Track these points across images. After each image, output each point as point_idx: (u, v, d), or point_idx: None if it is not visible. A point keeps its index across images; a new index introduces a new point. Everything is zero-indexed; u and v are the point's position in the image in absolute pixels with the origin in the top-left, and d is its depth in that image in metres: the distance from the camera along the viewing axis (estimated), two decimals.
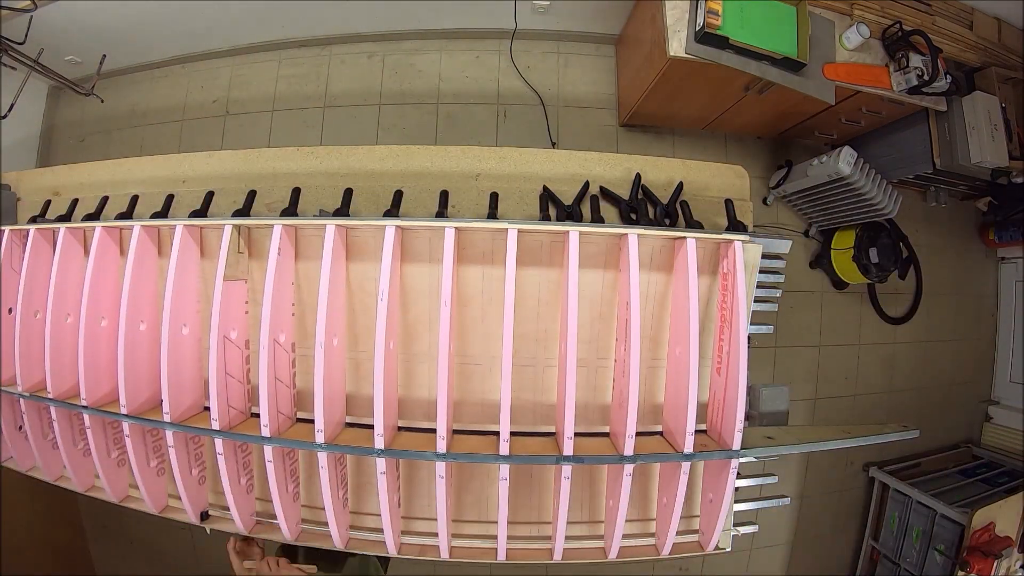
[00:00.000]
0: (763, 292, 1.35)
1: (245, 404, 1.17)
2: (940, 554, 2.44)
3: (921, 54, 2.04)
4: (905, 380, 2.99)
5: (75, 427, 1.28)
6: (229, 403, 1.10)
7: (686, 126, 2.76)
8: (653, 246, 1.17)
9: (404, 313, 1.18)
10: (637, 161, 1.49)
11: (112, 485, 1.26)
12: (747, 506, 1.41)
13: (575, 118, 2.76)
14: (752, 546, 2.78)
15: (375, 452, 1.01)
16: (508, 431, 0.99)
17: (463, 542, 1.18)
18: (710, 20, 1.83)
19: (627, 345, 1.02)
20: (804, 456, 2.83)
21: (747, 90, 2.14)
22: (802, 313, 2.85)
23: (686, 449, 1.03)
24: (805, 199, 2.65)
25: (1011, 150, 2.29)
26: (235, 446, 1.12)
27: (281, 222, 1.09)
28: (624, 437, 1.01)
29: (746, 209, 1.47)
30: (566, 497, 1.02)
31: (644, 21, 2.29)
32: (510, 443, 1.00)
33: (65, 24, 2.56)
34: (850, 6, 2.10)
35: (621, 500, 1.03)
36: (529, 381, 1.21)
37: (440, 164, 1.44)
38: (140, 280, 1.17)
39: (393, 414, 1.13)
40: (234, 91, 2.91)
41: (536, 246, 1.16)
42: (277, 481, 1.07)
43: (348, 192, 1.41)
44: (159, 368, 1.09)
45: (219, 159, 1.55)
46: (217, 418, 1.07)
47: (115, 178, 1.61)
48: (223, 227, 1.10)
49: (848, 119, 2.40)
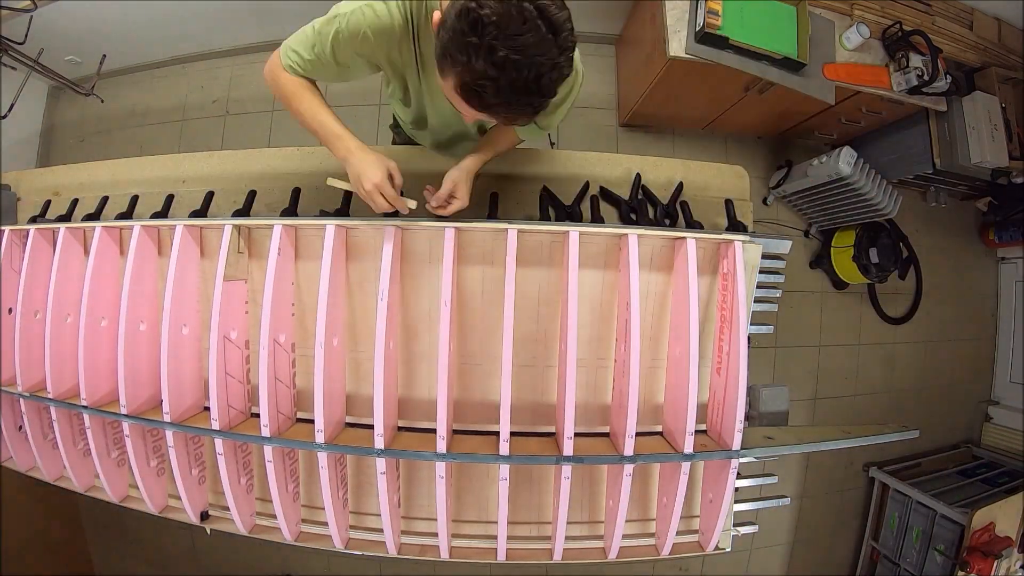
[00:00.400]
0: (763, 292, 1.35)
1: (245, 404, 1.17)
2: (940, 554, 2.44)
3: (921, 54, 2.04)
4: (905, 380, 2.99)
5: (75, 427, 1.28)
6: (229, 403, 1.10)
7: (686, 126, 2.76)
8: (653, 246, 1.17)
9: (404, 313, 1.18)
10: (637, 161, 1.49)
11: (112, 485, 1.26)
12: (747, 506, 1.41)
13: (575, 118, 2.75)
14: (752, 546, 2.78)
15: (375, 452, 1.01)
16: (508, 431, 0.99)
17: (463, 542, 1.18)
18: (710, 20, 1.83)
19: (627, 345, 1.02)
20: (804, 456, 2.83)
21: (747, 90, 2.14)
22: (802, 313, 2.85)
23: (686, 449, 1.02)
24: (805, 199, 2.65)
25: (1011, 150, 2.29)
26: (235, 446, 1.12)
27: (281, 222, 1.09)
28: (624, 437, 1.01)
29: (746, 209, 1.47)
30: (566, 497, 1.02)
31: (644, 21, 2.29)
32: (510, 443, 1.00)
33: (65, 24, 2.56)
34: (850, 6, 2.10)
35: (621, 500, 1.03)
36: (529, 381, 1.20)
37: (440, 164, 1.44)
38: (140, 280, 1.17)
39: (393, 414, 1.13)
40: (234, 91, 2.91)
41: (536, 246, 1.15)
42: (277, 481, 1.07)
43: (348, 192, 1.41)
44: (159, 368, 1.09)
45: (219, 159, 1.55)
46: (217, 418, 1.07)
47: (115, 178, 1.61)
48: (223, 227, 1.10)
49: (848, 119, 2.40)
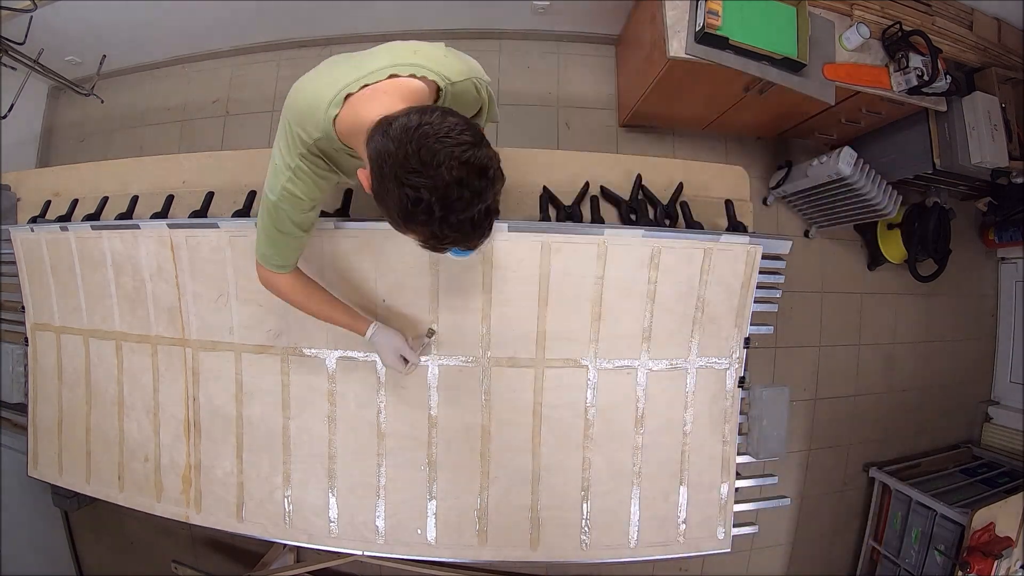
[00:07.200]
0: (763, 292, 1.35)
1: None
2: (940, 554, 2.44)
3: (921, 54, 2.04)
4: (905, 380, 2.98)
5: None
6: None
7: (686, 127, 2.75)
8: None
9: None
10: (637, 162, 1.49)
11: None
12: (747, 506, 1.41)
13: (575, 119, 2.75)
14: (752, 546, 2.78)
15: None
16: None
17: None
18: (710, 20, 1.83)
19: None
20: (804, 456, 2.83)
21: (747, 90, 2.13)
22: (802, 313, 2.84)
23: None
24: (805, 199, 2.65)
25: (1011, 150, 2.29)
26: None
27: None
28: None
29: (746, 210, 1.47)
30: None
31: (644, 21, 2.29)
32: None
33: (65, 24, 2.55)
34: (850, 6, 2.10)
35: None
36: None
37: None
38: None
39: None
40: (234, 91, 2.90)
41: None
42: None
43: (348, 192, 1.41)
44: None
45: (219, 159, 1.56)
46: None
47: (115, 178, 1.62)
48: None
49: (848, 119, 2.40)
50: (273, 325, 1.37)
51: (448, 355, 1.34)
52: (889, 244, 2.77)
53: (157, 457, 1.50)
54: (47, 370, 1.62)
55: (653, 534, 1.38)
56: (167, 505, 1.50)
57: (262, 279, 1.10)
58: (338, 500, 1.39)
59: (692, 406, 1.39)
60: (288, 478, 1.41)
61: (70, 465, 1.61)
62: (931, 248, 2.58)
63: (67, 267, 1.54)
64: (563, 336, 1.34)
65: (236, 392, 1.42)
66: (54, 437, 1.62)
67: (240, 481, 1.44)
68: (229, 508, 1.45)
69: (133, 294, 1.48)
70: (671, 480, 1.39)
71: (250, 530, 1.45)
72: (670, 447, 1.39)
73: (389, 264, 1.30)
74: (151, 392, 1.49)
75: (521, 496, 1.36)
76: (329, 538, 1.41)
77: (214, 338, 1.42)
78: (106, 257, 1.48)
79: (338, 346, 1.36)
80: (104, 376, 1.54)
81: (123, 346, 1.51)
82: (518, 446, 1.35)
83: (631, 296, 1.34)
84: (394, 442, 1.37)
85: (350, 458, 1.39)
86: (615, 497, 1.39)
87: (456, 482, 1.36)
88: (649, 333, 1.35)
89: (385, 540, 1.38)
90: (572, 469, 1.37)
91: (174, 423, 1.48)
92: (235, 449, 1.43)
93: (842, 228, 2.77)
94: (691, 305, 1.35)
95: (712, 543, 1.40)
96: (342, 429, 1.38)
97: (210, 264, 1.38)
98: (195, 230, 1.38)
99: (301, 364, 1.38)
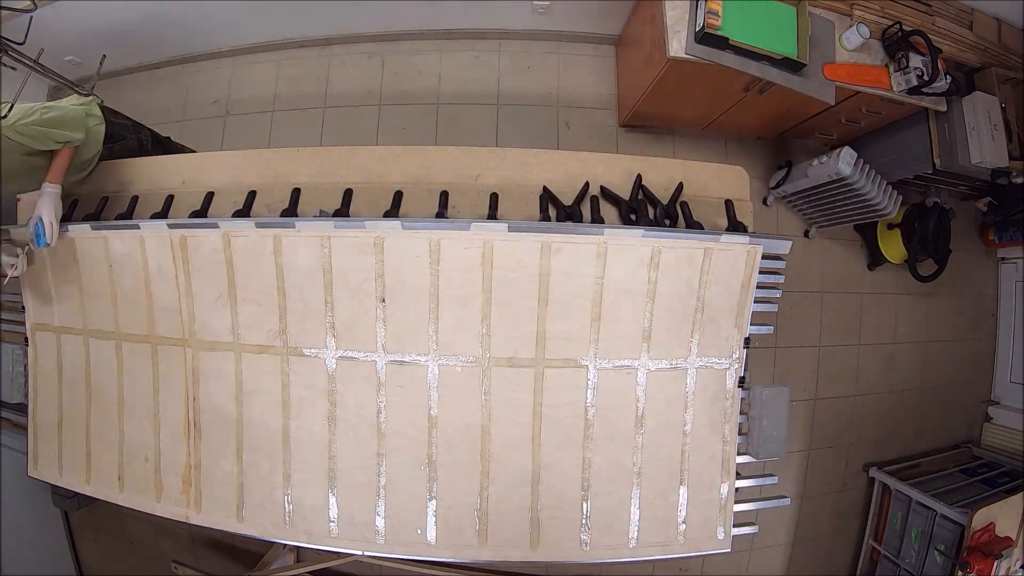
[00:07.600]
0: (763, 292, 1.35)
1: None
2: (940, 554, 2.44)
3: (921, 54, 2.04)
4: (905, 380, 2.99)
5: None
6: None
7: (686, 127, 2.75)
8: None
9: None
10: (637, 162, 1.49)
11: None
12: (747, 506, 1.41)
13: (575, 119, 2.75)
14: (752, 546, 2.78)
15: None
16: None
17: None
18: (710, 20, 1.83)
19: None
20: (804, 456, 2.83)
21: (747, 90, 2.13)
22: (802, 313, 2.84)
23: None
24: (805, 199, 2.65)
25: (1011, 150, 2.29)
26: None
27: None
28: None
29: (746, 210, 1.47)
30: None
31: (644, 21, 2.29)
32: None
33: (65, 24, 2.55)
34: (850, 6, 2.10)
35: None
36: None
37: (440, 164, 1.44)
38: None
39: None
40: (234, 91, 2.90)
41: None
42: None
43: (348, 192, 1.41)
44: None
45: (219, 159, 1.56)
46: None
47: (115, 179, 1.62)
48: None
49: (848, 119, 2.40)
50: (273, 325, 1.38)
51: (448, 355, 1.34)
52: (889, 244, 2.77)
53: (157, 457, 1.50)
54: (47, 370, 1.63)
55: (653, 534, 1.39)
56: (167, 505, 1.50)
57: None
58: (338, 500, 1.39)
59: (692, 406, 1.39)
60: (288, 478, 1.41)
61: (70, 465, 1.61)
62: (931, 248, 2.58)
63: (67, 267, 1.54)
64: (563, 336, 1.34)
65: (236, 392, 1.43)
66: (54, 437, 1.62)
67: (240, 481, 1.44)
68: (229, 508, 1.45)
69: (133, 294, 1.49)
70: (671, 480, 1.39)
71: (250, 530, 1.45)
72: (670, 447, 1.39)
73: (389, 264, 1.30)
74: (151, 392, 1.50)
75: (521, 496, 1.37)
76: (329, 538, 1.41)
77: (214, 338, 1.43)
78: (106, 257, 1.48)
79: (338, 346, 1.36)
80: (104, 376, 1.55)
81: (123, 346, 1.52)
82: (518, 446, 1.36)
83: (631, 296, 1.34)
84: (394, 442, 1.37)
85: (350, 458, 1.39)
86: (615, 497, 1.39)
87: (456, 482, 1.36)
88: (649, 333, 1.35)
89: (385, 540, 1.39)
90: (572, 469, 1.37)
91: (174, 423, 1.48)
92: (235, 449, 1.44)
93: (842, 228, 2.78)
94: (691, 305, 1.35)
95: (712, 543, 1.41)
96: (342, 429, 1.38)
97: (210, 264, 1.39)
98: (195, 230, 1.39)
99: (301, 364, 1.38)
